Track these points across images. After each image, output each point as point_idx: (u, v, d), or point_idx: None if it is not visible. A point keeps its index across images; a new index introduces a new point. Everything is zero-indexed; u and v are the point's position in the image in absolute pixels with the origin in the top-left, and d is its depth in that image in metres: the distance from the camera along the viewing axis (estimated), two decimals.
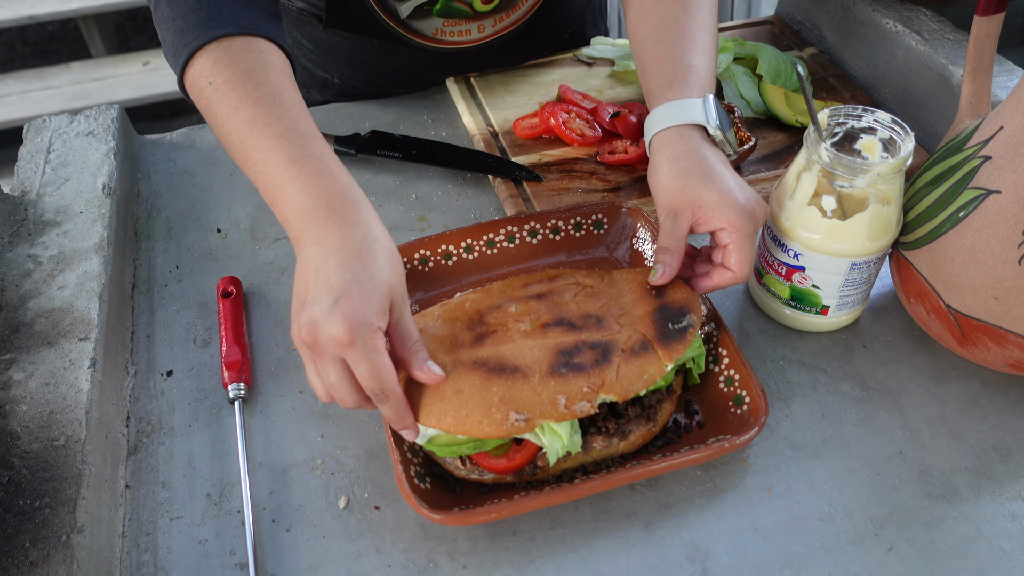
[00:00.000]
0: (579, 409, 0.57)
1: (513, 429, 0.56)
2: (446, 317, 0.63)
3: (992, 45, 0.66)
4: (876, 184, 0.62)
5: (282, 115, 0.61)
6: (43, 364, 0.65)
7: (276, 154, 0.59)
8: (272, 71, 0.63)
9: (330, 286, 0.54)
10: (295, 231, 0.58)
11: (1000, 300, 0.60)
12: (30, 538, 0.55)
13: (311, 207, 0.57)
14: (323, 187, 0.58)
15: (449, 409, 0.57)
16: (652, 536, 0.59)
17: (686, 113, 0.66)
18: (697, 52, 0.70)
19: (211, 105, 0.63)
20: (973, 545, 0.58)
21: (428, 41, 0.93)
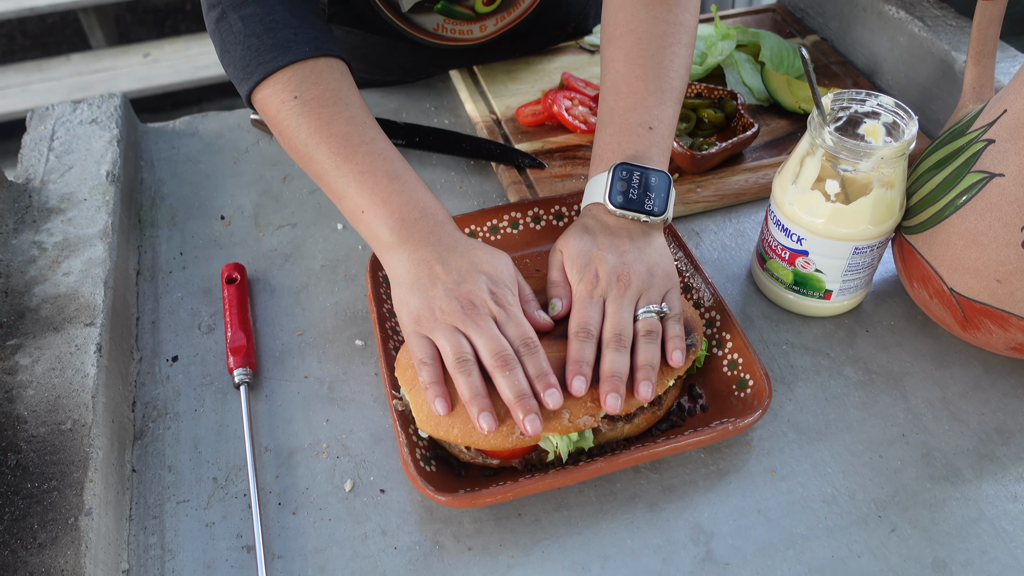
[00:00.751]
0: (582, 423, 0.58)
1: (518, 441, 0.57)
2: None
3: (996, 29, 0.66)
4: (879, 168, 0.62)
5: (376, 137, 0.66)
6: (49, 349, 0.66)
7: (378, 168, 0.64)
8: (357, 95, 0.68)
9: (469, 265, 0.60)
10: (396, 237, 0.62)
11: (1003, 283, 0.60)
12: (38, 520, 0.55)
13: (418, 216, 0.63)
14: (427, 203, 0.64)
15: (457, 422, 0.57)
16: (656, 518, 0.59)
17: (593, 192, 0.67)
18: (631, 109, 0.68)
19: (294, 118, 0.66)
20: (975, 526, 0.58)
21: (429, 37, 0.93)
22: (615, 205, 0.64)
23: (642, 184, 0.65)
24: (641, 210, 0.64)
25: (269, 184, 0.88)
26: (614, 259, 0.63)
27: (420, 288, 0.60)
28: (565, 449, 0.58)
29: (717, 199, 0.82)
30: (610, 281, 0.62)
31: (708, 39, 0.98)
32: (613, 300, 0.61)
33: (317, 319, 0.74)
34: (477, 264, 0.61)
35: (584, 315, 0.61)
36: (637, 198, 0.65)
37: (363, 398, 0.68)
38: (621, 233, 0.65)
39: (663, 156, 0.68)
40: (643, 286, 0.62)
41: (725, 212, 0.83)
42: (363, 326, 0.73)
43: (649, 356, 0.60)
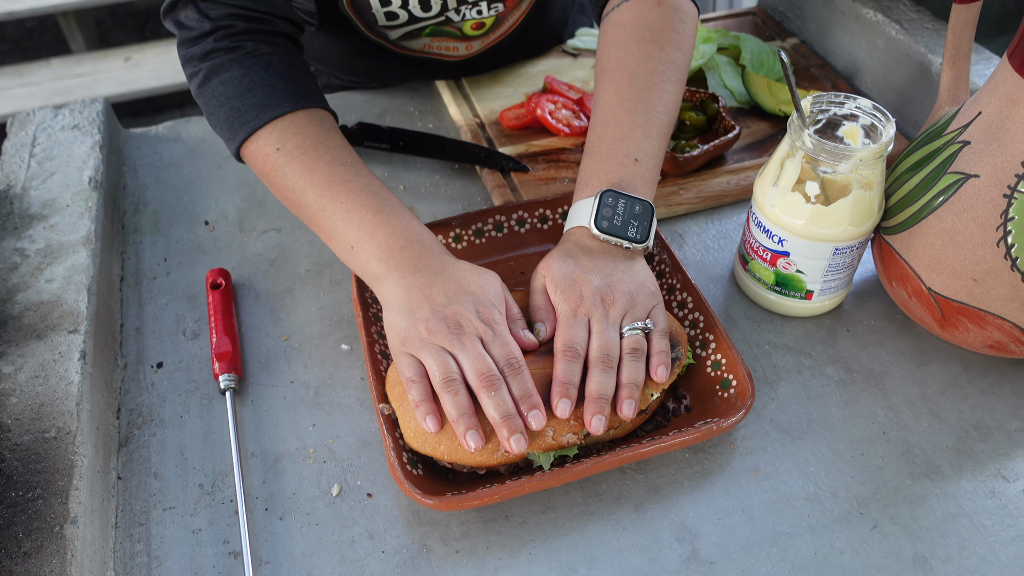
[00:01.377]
0: (565, 440, 0.59)
1: (503, 458, 0.58)
2: None
3: (970, 32, 0.67)
4: (858, 170, 0.63)
5: (357, 174, 0.68)
6: (32, 357, 0.65)
7: (362, 204, 0.66)
8: (337, 137, 0.70)
9: (456, 287, 0.61)
10: (384, 267, 0.64)
11: (980, 282, 0.61)
12: (23, 529, 0.55)
13: (403, 245, 0.64)
14: (412, 230, 0.65)
15: (443, 439, 0.58)
16: (642, 518, 0.60)
17: (578, 215, 0.68)
18: (619, 140, 0.70)
19: (279, 168, 0.68)
20: (955, 522, 0.59)
21: (417, 54, 0.94)
22: (599, 230, 0.66)
23: (626, 212, 0.66)
24: (624, 236, 0.66)
25: (253, 189, 0.88)
26: (598, 280, 0.64)
27: (408, 311, 0.61)
28: (548, 463, 0.59)
29: (699, 201, 0.83)
30: (595, 301, 0.63)
31: None
32: (599, 319, 0.62)
33: (303, 324, 0.74)
34: (464, 285, 0.62)
35: (570, 334, 0.61)
36: (621, 224, 0.66)
37: (349, 402, 0.68)
38: (604, 256, 0.66)
39: (647, 187, 0.69)
40: (628, 304, 0.63)
41: (707, 214, 0.84)
42: (349, 330, 0.73)
43: (633, 374, 0.61)
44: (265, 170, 0.70)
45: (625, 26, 0.75)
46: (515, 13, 0.94)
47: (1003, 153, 0.59)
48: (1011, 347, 0.65)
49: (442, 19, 0.87)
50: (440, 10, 0.86)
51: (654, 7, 0.75)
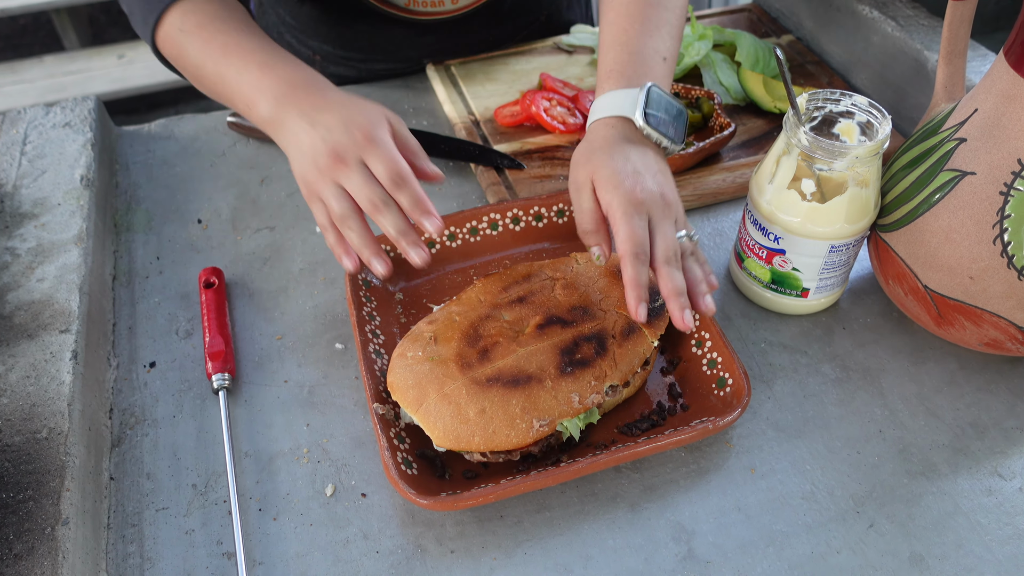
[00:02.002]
0: (591, 401, 0.60)
1: (538, 434, 0.58)
2: (441, 336, 0.63)
3: (966, 29, 0.66)
4: (854, 167, 0.63)
5: (250, 37, 0.70)
6: (23, 357, 0.65)
7: (251, 62, 0.68)
8: (236, 12, 0.73)
9: (336, 119, 0.63)
10: (277, 111, 0.66)
11: (976, 280, 0.61)
12: (14, 531, 0.54)
13: (287, 91, 0.66)
14: (296, 76, 0.67)
15: (476, 430, 0.58)
16: (638, 517, 0.60)
17: (617, 105, 0.67)
18: (651, 35, 0.70)
19: (183, 48, 0.72)
20: (951, 520, 0.59)
21: (401, 12, 0.93)
22: (648, 123, 0.66)
23: (668, 112, 0.67)
24: (667, 135, 0.67)
25: (246, 187, 0.88)
26: (652, 182, 0.63)
27: (300, 153, 0.64)
28: (576, 429, 0.60)
29: (695, 198, 0.83)
30: (655, 201, 0.62)
31: (685, 39, 0.99)
32: (660, 220, 0.62)
33: (296, 323, 0.74)
34: (347, 116, 0.63)
35: (636, 231, 0.60)
36: (665, 122, 0.67)
37: (343, 402, 0.67)
38: (648, 154, 0.66)
39: (670, 87, 0.72)
40: (679, 209, 0.64)
41: (703, 211, 0.83)
42: (343, 329, 0.73)
43: (697, 274, 0.63)
44: (175, 54, 0.73)
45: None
46: None
47: (999, 150, 0.58)
48: (1007, 345, 0.64)
49: None
50: None
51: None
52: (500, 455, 0.60)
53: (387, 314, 0.71)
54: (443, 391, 0.59)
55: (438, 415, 0.58)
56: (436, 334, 0.63)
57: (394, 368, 0.62)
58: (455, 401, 0.58)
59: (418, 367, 0.61)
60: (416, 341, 0.63)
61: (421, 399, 0.59)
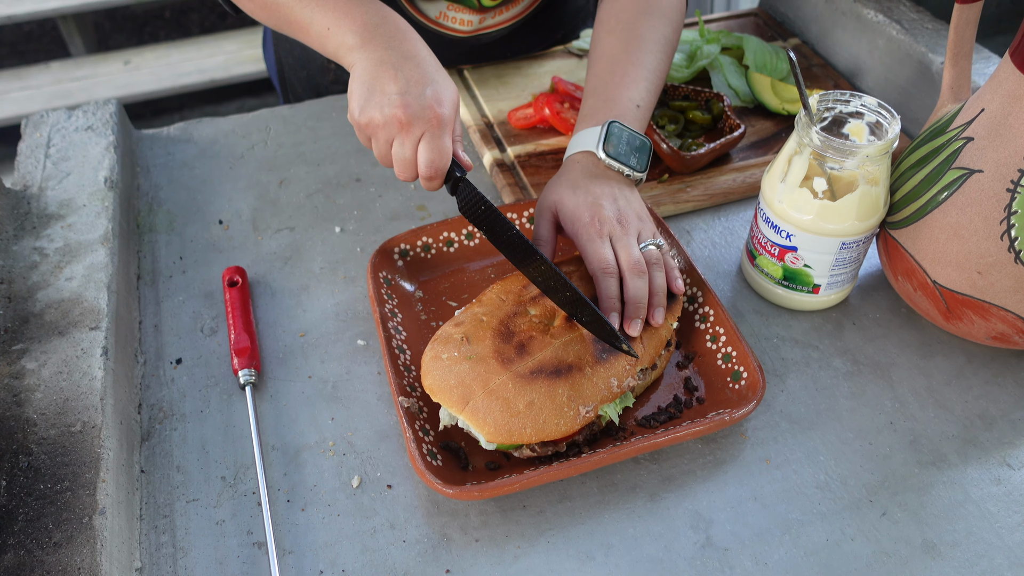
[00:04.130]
0: (627, 385, 0.63)
1: (585, 420, 0.61)
2: (473, 336, 0.64)
3: (972, 32, 0.68)
4: (865, 166, 0.64)
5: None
6: (55, 353, 0.66)
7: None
8: None
9: (419, 77, 0.64)
10: (359, 39, 0.66)
11: (984, 275, 0.63)
12: (53, 520, 0.56)
13: (379, 22, 0.67)
14: (388, 12, 0.68)
15: (527, 423, 0.59)
16: (657, 507, 0.61)
17: (582, 142, 0.74)
18: (627, 87, 0.76)
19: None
20: (961, 508, 0.61)
21: (429, 23, 0.94)
22: (606, 154, 0.71)
23: (630, 143, 0.73)
24: (627, 164, 0.72)
25: (266, 188, 0.89)
26: (610, 205, 0.70)
27: (371, 86, 0.64)
28: (615, 414, 0.62)
29: (706, 198, 0.84)
30: (613, 223, 0.69)
31: (694, 43, 1.01)
32: (619, 237, 0.68)
33: (319, 320, 0.75)
34: (428, 77, 0.65)
35: (601, 254, 0.67)
36: (625, 153, 0.72)
37: (367, 396, 0.69)
38: (609, 182, 0.71)
39: (642, 128, 0.77)
40: (639, 225, 0.70)
41: (714, 211, 0.85)
42: (364, 326, 0.74)
43: (659, 282, 0.67)
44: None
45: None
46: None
47: (1006, 148, 0.60)
48: (1015, 338, 0.66)
49: None
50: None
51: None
52: (548, 447, 0.61)
53: (408, 310, 0.73)
54: (489, 387, 0.60)
55: (487, 411, 0.59)
56: (467, 334, 0.64)
57: (430, 371, 0.62)
58: (503, 396, 0.59)
59: (457, 367, 0.62)
60: (448, 343, 0.64)
61: (467, 397, 0.60)
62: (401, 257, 0.76)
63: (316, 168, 0.92)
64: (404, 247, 0.76)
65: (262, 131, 0.97)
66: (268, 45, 1.16)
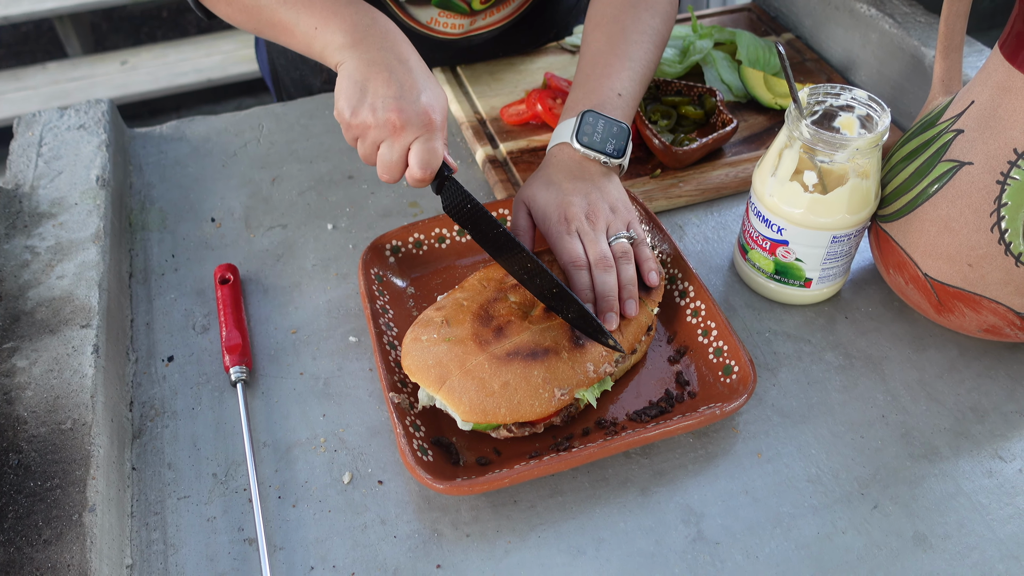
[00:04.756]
0: (603, 371, 0.63)
1: (560, 403, 0.61)
2: (453, 319, 0.65)
3: (962, 24, 0.68)
4: (855, 159, 0.64)
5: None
6: (46, 351, 0.66)
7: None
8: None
9: (412, 83, 0.64)
10: (349, 39, 0.66)
11: (974, 267, 0.63)
12: (43, 518, 0.56)
13: (369, 23, 0.67)
14: (377, 14, 0.68)
15: (501, 402, 0.60)
16: (648, 501, 0.61)
17: (560, 134, 0.75)
18: (609, 78, 0.77)
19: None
20: (953, 501, 0.61)
21: (420, 27, 0.94)
22: (580, 144, 0.72)
23: (605, 131, 0.73)
24: (602, 151, 0.72)
25: (258, 186, 0.89)
26: (580, 200, 0.70)
27: (362, 86, 0.64)
28: (593, 398, 0.63)
29: (699, 193, 0.84)
30: (581, 219, 0.69)
31: (687, 38, 1.01)
32: (587, 233, 0.69)
33: (310, 317, 0.75)
34: (421, 85, 0.65)
35: (570, 248, 0.68)
36: (600, 141, 0.72)
37: (358, 393, 0.69)
38: (583, 175, 0.72)
39: (625, 117, 0.76)
40: (609, 219, 0.70)
41: (707, 206, 0.85)
42: (356, 323, 0.74)
43: (629, 275, 0.68)
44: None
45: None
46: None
47: (995, 140, 0.60)
48: (1006, 330, 0.66)
49: None
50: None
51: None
52: (526, 427, 0.62)
53: (399, 307, 0.73)
54: (465, 367, 0.61)
55: (463, 390, 0.60)
56: (447, 318, 0.65)
57: (409, 352, 0.63)
58: (478, 376, 0.60)
59: (435, 348, 0.62)
60: (428, 325, 0.65)
61: (444, 377, 0.61)
62: (393, 253, 0.76)
63: (308, 165, 0.92)
64: (396, 243, 0.76)
65: (255, 129, 0.97)
66: (260, 46, 1.16)
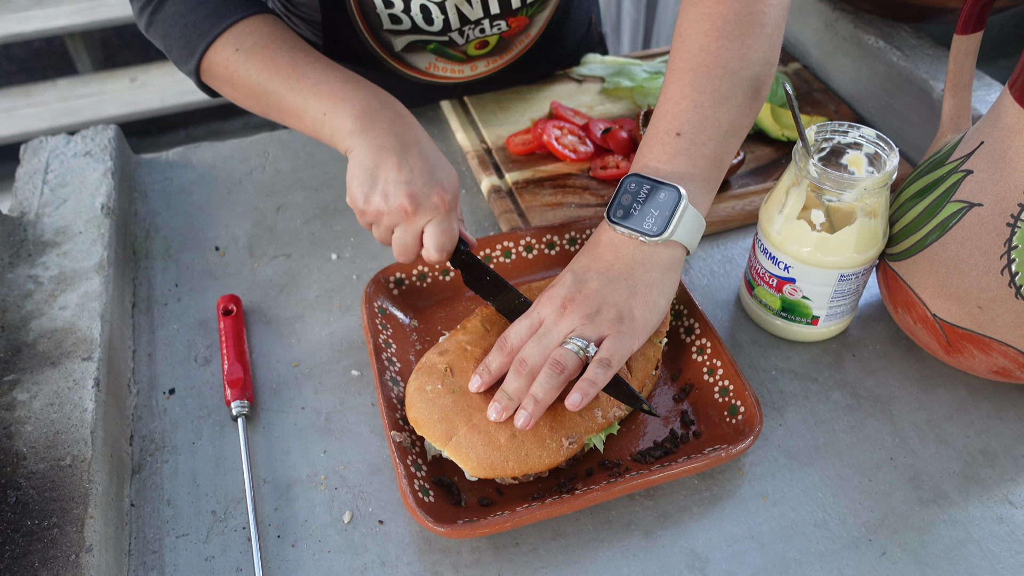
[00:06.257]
0: (612, 416, 0.62)
1: (568, 453, 0.60)
2: (457, 367, 0.63)
3: (971, 62, 0.68)
4: (863, 198, 0.64)
5: (319, 57, 0.71)
6: (47, 384, 0.66)
7: (331, 76, 0.68)
8: (291, 33, 0.74)
9: (423, 166, 0.64)
10: (359, 125, 0.66)
11: (984, 309, 0.62)
12: (39, 558, 0.55)
13: (379, 107, 0.66)
14: (387, 96, 0.68)
15: (509, 456, 0.59)
16: (652, 545, 0.60)
17: None
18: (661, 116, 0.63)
19: (241, 67, 0.71)
20: (963, 548, 0.59)
21: (420, 75, 0.94)
22: (612, 220, 0.62)
23: (648, 199, 0.61)
24: (638, 229, 0.60)
25: (263, 215, 0.89)
26: (574, 284, 0.61)
27: (373, 174, 0.64)
28: (600, 442, 0.62)
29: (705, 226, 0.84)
30: (552, 305, 0.61)
31: None
32: (543, 324, 0.61)
33: (313, 350, 0.75)
34: (434, 166, 0.65)
35: (510, 329, 0.62)
36: (638, 215, 0.60)
37: (360, 428, 0.68)
38: (618, 256, 0.61)
39: (693, 163, 0.61)
40: (582, 319, 0.59)
41: (713, 239, 0.84)
42: (358, 356, 0.74)
43: (540, 388, 0.58)
44: (227, 74, 0.72)
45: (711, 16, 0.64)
46: (522, 39, 0.95)
47: (1006, 182, 0.59)
48: (1016, 373, 0.65)
49: (445, 39, 0.88)
50: (443, 28, 0.86)
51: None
52: (531, 475, 0.61)
53: (403, 341, 0.72)
54: (472, 422, 0.60)
55: (470, 446, 0.59)
56: (451, 365, 0.64)
57: (414, 403, 0.62)
58: (485, 431, 0.59)
59: (441, 400, 0.61)
60: (431, 373, 0.64)
61: (450, 432, 0.60)
62: (396, 286, 0.76)
63: (314, 193, 0.91)
64: (399, 276, 0.76)
65: (260, 156, 0.97)
66: None
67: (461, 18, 0.85)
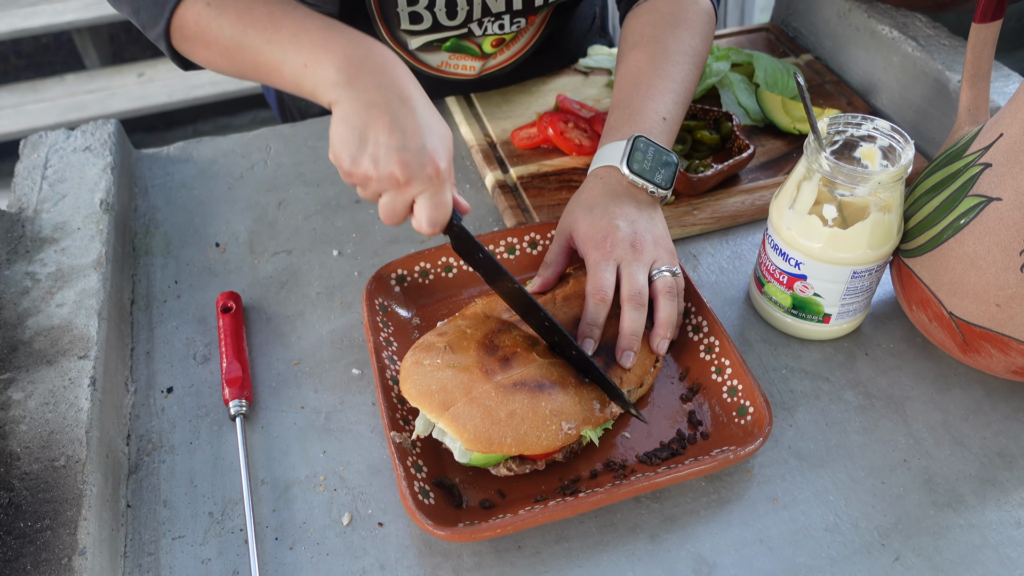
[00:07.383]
0: (610, 412, 0.62)
1: (567, 438, 0.59)
2: (456, 346, 0.62)
3: (990, 52, 0.66)
4: (877, 192, 0.62)
5: (296, 6, 0.65)
6: (42, 383, 0.65)
7: (310, 25, 0.63)
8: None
9: (417, 130, 0.59)
10: (344, 75, 0.60)
11: (1002, 307, 0.60)
12: (31, 561, 0.54)
13: (364, 55, 0.61)
14: (372, 43, 0.62)
15: (508, 432, 0.58)
16: (658, 549, 0.59)
17: (606, 156, 0.72)
18: (653, 99, 0.75)
19: (213, 22, 0.66)
20: (979, 553, 0.58)
21: (431, 70, 0.93)
22: (630, 170, 0.69)
23: (655, 159, 0.70)
24: (651, 180, 0.70)
25: (264, 210, 0.88)
26: (626, 227, 0.68)
27: (361, 134, 0.58)
28: (597, 437, 0.62)
29: (714, 221, 0.82)
30: (624, 247, 0.67)
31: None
32: (627, 264, 0.66)
33: (313, 348, 0.73)
34: (427, 128, 0.59)
35: (600, 279, 0.65)
36: (650, 169, 0.70)
37: (360, 428, 0.67)
38: (629, 202, 0.69)
39: (670, 144, 0.75)
40: (655, 252, 0.68)
41: (722, 234, 0.82)
42: (359, 354, 0.73)
43: (668, 313, 0.65)
44: (199, 30, 0.67)
45: (660, 11, 0.81)
46: (530, 30, 0.93)
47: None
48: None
49: (464, 31, 0.87)
50: (465, 20, 0.85)
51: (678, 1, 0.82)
52: (527, 464, 0.60)
53: (404, 339, 0.71)
54: (471, 395, 0.59)
55: (468, 417, 0.58)
56: (450, 344, 0.62)
57: (410, 375, 0.61)
58: (484, 404, 0.58)
59: (439, 373, 0.60)
60: (429, 350, 0.62)
61: (448, 403, 0.59)
62: (398, 283, 0.74)
63: (316, 189, 0.90)
64: (401, 272, 0.74)
65: (262, 151, 0.96)
66: None
67: (483, 9, 0.84)
